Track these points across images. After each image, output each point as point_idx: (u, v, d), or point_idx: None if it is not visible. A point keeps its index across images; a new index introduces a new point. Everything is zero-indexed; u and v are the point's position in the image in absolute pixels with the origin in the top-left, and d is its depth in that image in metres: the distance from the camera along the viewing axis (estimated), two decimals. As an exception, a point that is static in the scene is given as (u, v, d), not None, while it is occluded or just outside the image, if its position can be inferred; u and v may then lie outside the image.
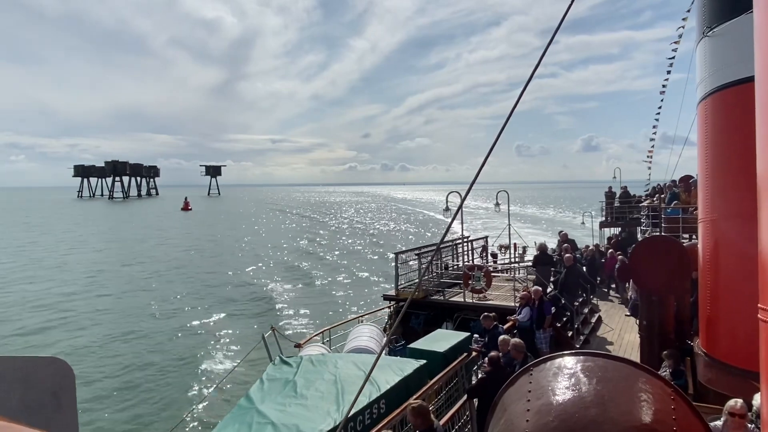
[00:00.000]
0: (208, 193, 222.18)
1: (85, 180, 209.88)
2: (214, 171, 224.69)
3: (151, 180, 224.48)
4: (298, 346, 12.63)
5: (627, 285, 18.42)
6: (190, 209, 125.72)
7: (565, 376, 3.61)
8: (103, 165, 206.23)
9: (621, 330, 15.39)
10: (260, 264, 44.69)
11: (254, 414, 7.67)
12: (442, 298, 16.16)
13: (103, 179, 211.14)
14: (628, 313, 16.59)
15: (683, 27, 19.13)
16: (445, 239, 23.42)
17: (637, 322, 12.62)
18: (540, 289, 12.75)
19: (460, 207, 2.51)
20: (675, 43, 21.57)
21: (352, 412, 7.70)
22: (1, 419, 1.52)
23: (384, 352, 13.09)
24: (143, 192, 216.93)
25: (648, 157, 27.32)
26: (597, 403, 3.33)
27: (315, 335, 13.69)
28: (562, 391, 3.49)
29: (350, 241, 63.13)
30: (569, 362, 3.73)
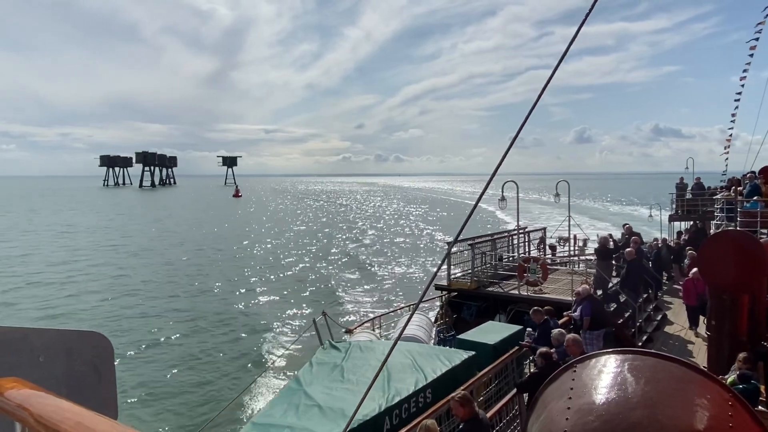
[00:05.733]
0: (225, 183, 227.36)
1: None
2: (230, 162, 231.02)
3: (169, 170, 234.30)
4: (348, 331, 12.82)
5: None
6: (240, 196, 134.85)
7: (610, 375, 3.40)
8: (118, 155, 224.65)
9: (689, 329, 14.52)
10: (313, 248, 45.88)
11: (302, 396, 7.87)
12: (495, 289, 15.84)
13: (125, 169, 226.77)
14: (697, 312, 15.59)
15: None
16: (501, 230, 22.88)
17: (705, 322, 11.85)
18: (588, 287, 12.22)
19: (480, 197, 2.40)
20: (760, 24, 20.14)
21: (396, 401, 7.72)
22: (46, 391, 1.57)
23: (432, 340, 13.04)
24: (161, 182, 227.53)
25: (725, 148, 25.58)
26: (643, 404, 3.11)
27: (365, 322, 13.84)
28: (606, 390, 3.29)
29: (396, 229, 63.54)
30: (616, 360, 3.51)
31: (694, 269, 14.47)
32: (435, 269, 3.41)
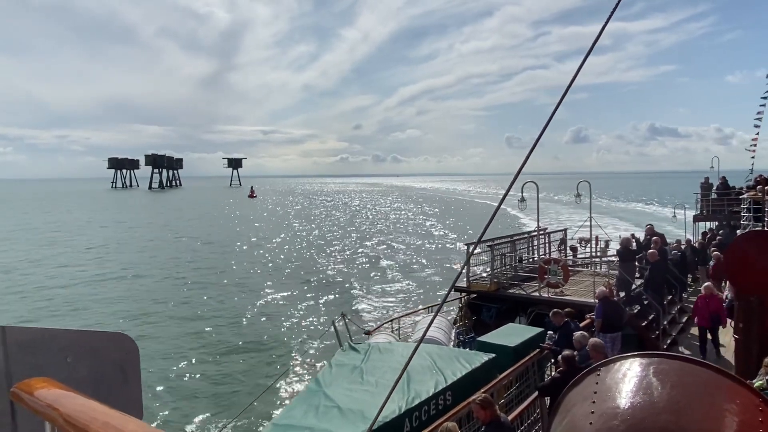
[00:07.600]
0: (230, 184, 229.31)
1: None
2: (235, 163, 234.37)
3: (176, 171, 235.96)
4: (367, 333, 12.83)
5: (723, 284, 16.92)
6: (255, 197, 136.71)
7: (635, 379, 3.33)
8: (125, 157, 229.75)
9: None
10: (330, 249, 46.06)
11: (321, 397, 7.90)
12: (516, 291, 15.70)
13: (131, 171, 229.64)
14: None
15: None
16: (521, 232, 22.68)
17: (732, 325, 11.56)
18: (604, 289, 12.03)
19: (503, 200, 2.37)
20: None
21: (416, 403, 7.69)
22: (75, 391, 1.60)
23: (451, 342, 12.97)
24: (168, 183, 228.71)
25: (752, 145, 25.01)
26: (669, 409, 3.04)
27: (384, 324, 13.83)
28: (631, 395, 3.23)
29: (411, 229, 63.49)
30: (641, 363, 3.44)
31: (706, 284, 13.84)
32: (454, 270, 3.39)
